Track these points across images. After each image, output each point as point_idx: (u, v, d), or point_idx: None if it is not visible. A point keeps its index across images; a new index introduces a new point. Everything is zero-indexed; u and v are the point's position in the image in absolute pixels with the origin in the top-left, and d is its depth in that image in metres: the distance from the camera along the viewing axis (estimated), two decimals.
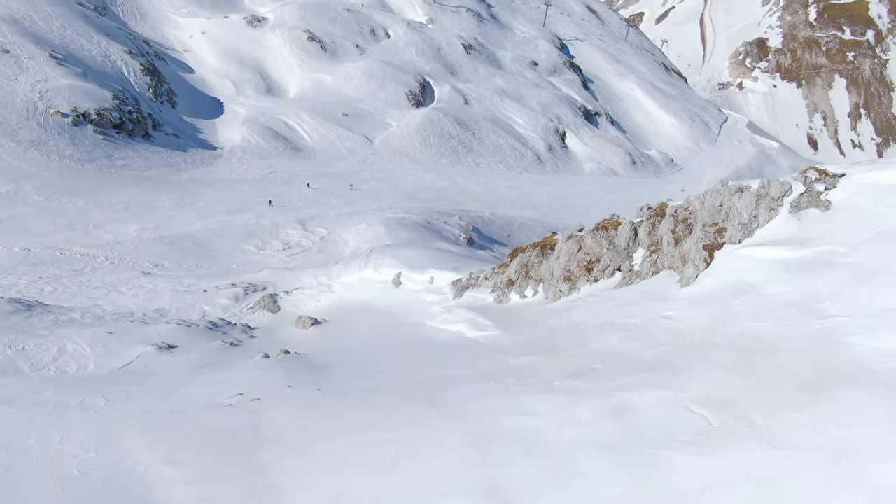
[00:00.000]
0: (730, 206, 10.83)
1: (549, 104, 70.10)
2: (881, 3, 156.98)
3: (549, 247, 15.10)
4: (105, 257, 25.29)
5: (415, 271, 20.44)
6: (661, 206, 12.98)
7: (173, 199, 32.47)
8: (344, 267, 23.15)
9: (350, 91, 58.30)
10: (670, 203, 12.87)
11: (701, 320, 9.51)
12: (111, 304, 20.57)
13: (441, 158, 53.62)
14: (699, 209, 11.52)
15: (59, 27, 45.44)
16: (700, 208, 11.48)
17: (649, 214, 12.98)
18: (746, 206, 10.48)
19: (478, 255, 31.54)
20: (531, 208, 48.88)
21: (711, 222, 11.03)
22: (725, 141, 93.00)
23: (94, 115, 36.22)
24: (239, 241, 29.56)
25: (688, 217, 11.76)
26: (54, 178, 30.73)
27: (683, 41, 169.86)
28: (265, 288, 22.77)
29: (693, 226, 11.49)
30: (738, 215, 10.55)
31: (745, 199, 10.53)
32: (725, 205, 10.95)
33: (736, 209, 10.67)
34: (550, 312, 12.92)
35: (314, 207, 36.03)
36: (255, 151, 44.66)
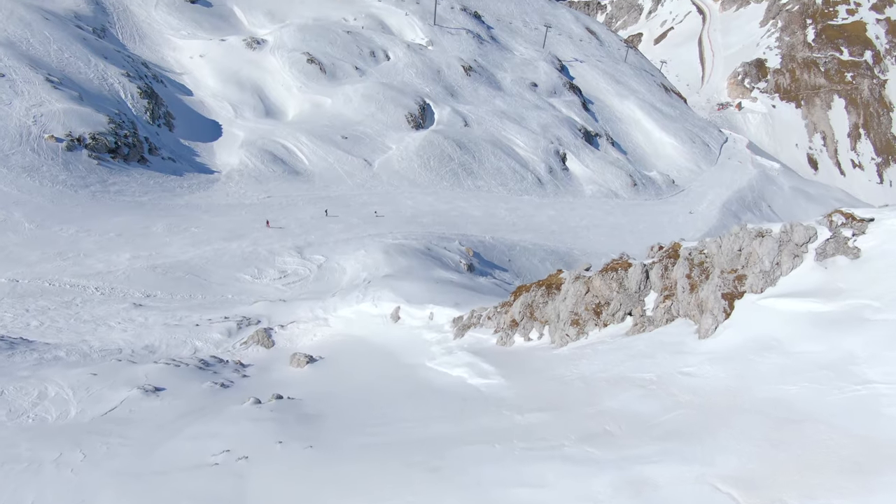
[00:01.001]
0: (750, 252, 10.14)
1: (550, 126, 69.79)
2: (878, 24, 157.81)
3: (554, 286, 14.40)
4: (95, 288, 24.57)
5: (414, 306, 19.72)
6: (674, 246, 12.31)
7: (168, 226, 31.81)
8: (341, 300, 22.44)
9: (349, 113, 57.93)
10: (683, 244, 12.19)
11: (724, 379, 8.78)
12: (99, 339, 19.81)
13: (441, 181, 53.08)
14: (716, 253, 10.83)
15: (56, 50, 45.10)
16: (717, 252, 10.80)
17: (661, 256, 12.29)
18: (768, 253, 9.80)
19: (479, 283, 30.86)
20: (532, 231, 48.26)
21: (730, 268, 10.34)
22: (726, 162, 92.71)
23: (89, 139, 35.66)
24: (234, 270, 28.85)
25: (704, 261, 11.08)
26: (46, 205, 30.09)
27: (682, 62, 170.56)
28: (259, 321, 22.04)
29: (710, 271, 10.79)
30: (760, 262, 9.87)
31: (767, 244, 9.85)
32: (745, 250, 10.26)
33: (757, 255, 9.98)
34: (558, 360, 12.19)
35: (312, 233, 35.38)
36: (253, 175, 44.10)
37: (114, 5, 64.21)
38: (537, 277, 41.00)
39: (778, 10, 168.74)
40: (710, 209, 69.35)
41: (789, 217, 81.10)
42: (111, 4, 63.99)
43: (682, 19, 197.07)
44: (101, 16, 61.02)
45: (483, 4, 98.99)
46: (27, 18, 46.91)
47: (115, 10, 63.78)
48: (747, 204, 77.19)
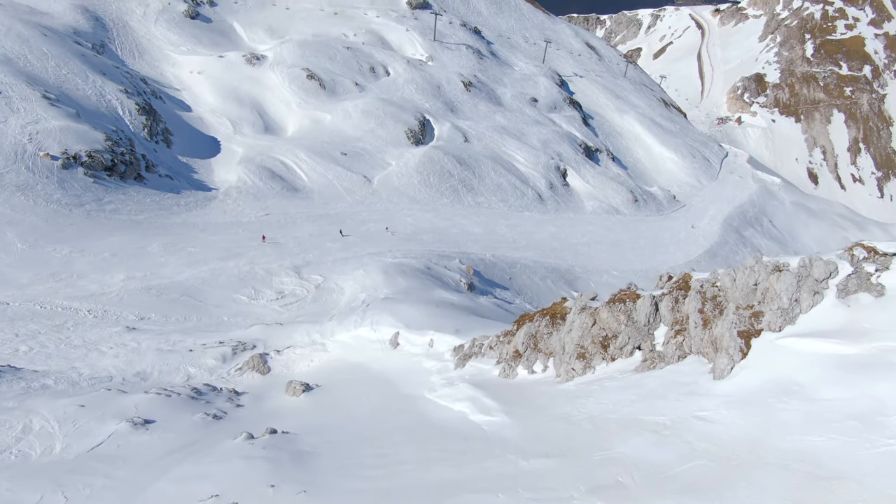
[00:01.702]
0: (767, 287, 9.64)
1: (550, 141, 69.52)
2: (877, 38, 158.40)
3: (559, 316, 13.88)
4: (88, 310, 24.02)
5: (413, 332, 19.18)
6: (685, 277, 11.81)
7: (164, 245, 31.30)
8: (339, 324, 21.90)
9: (349, 129, 57.63)
10: (694, 275, 11.69)
11: (743, 427, 8.25)
12: (89, 366, 19.25)
13: (441, 198, 52.66)
14: (730, 287, 10.33)
15: (53, 66, 44.84)
16: (731, 286, 10.29)
17: (671, 287, 11.79)
18: (786, 289, 9.30)
19: (480, 304, 30.33)
20: (533, 249, 47.77)
21: (746, 304, 9.83)
22: (727, 177, 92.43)
23: (84, 157, 35.23)
24: (230, 291, 28.32)
25: (717, 295, 10.57)
26: (40, 225, 29.60)
27: (681, 76, 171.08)
28: (255, 346, 21.49)
29: (724, 306, 10.29)
30: (777, 298, 9.36)
31: (785, 280, 9.34)
32: (761, 285, 9.76)
33: (774, 291, 9.47)
34: (564, 396, 11.65)
35: (310, 252, 34.88)
36: (251, 192, 43.68)
37: (113, 21, 64.17)
38: (538, 296, 40.51)
39: (777, 26, 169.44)
40: (711, 225, 68.90)
41: (791, 232, 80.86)
42: (111, 20, 63.95)
43: (681, 34, 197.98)
44: (101, 31, 60.93)
45: (483, 20, 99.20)
46: (25, 35, 46.70)
47: (115, 25, 63.72)
48: (749, 219, 76.80)
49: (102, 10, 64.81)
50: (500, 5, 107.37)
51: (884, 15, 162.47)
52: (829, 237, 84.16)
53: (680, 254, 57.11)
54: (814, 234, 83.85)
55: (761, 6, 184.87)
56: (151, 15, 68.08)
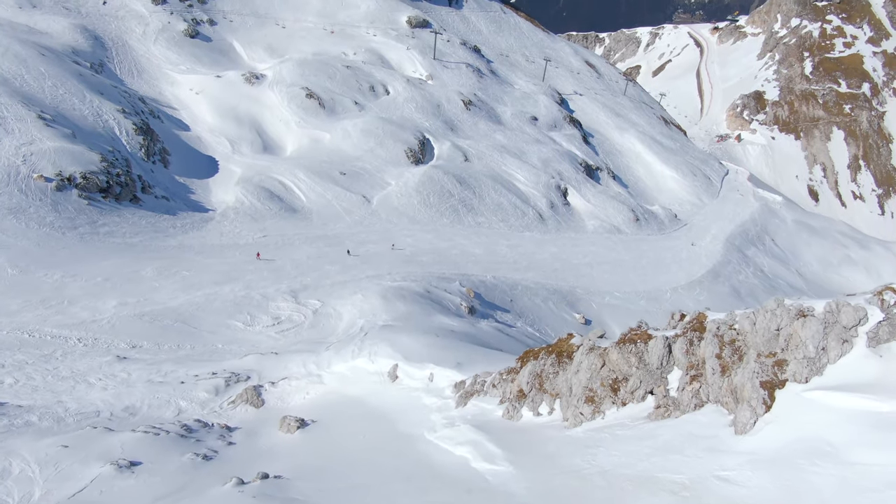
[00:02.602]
0: (790, 334, 9.01)
1: (551, 160, 69.16)
2: (875, 56, 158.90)
3: (565, 354, 13.23)
4: (78, 339, 23.35)
5: (413, 365, 18.49)
6: (699, 317, 11.18)
7: (158, 269, 30.68)
8: (336, 354, 21.22)
9: (348, 148, 57.24)
10: (709, 315, 11.06)
11: (770, 491, 7.58)
12: (76, 400, 18.54)
13: (441, 218, 52.12)
14: (749, 331, 9.70)
15: (50, 86, 44.48)
16: (751, 331, 9.66)
17: (685, 328, 11.16)
18: (812, 336, 8.67)
19: (481, 329, 29.67)
20: (534, 270, 47.18)
21: (768, 351, 9.20)
22: (728, 195, 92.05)
23: (79, 178, 34.68)
24: (225, 316, 27.66)
25: (735, 339, 9.94)
26: (32, 249, 28.99)
27: (680, 94, 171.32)
28: (249, 377, 20.80)
29: (743, 352, 9.65)
30: (803, 347, 8.73)
31: (811, 327, 8.72)
32: (784, 331, 9.13)
33: (798, 338, 8.84)
34: (572, 444, 10.98)
35: (308, 275, 34.25)
36: (249, 213, 43.12)
37: (113, 40, 64.05)
38: (540, 318, 39.84)
39: (775, 44, 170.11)
40: (713, 244, 68.36)
41: (793, 251, 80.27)
42: (110, 39, 63.84)
43: (680, 52, 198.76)
44: (100, 51, 60.76)
45: (483, 38, 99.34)
46: (23, 55, 46.41)
47: (114, 44, 63.59)
48: (751, 238, 76.27)
49: (102, 29, 64.73)
50: (499, 24, 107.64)
51: (882, 33, 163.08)
52: (830, 255, 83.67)
53: (682, 274, 56.51)
54: (816, 252, 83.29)
55: (759, 24, 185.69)
56: (151, 34, 67.99)
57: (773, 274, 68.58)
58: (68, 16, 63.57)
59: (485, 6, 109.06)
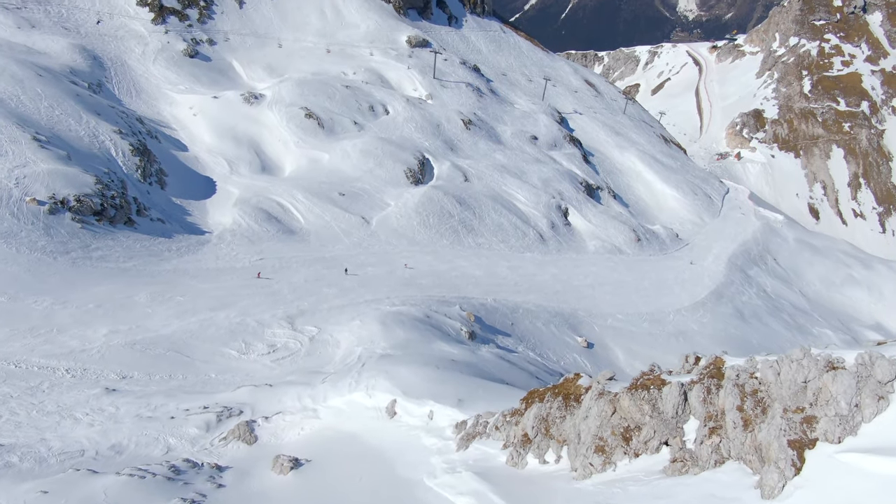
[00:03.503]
0: (819, 388, 8.33)
1: (551, 180, 68.75)
2: (873, 75, 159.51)
3: (572, 397, 12.53)
4: (66, 370, 22.60)
5: (412, 400, 17.75)
6: (716, 362, 10.50)
7: (152, 295, 29.99)
8: (332, 387, 20.47)
9: (347, 169, 56.80)
10: (727, 360, 10.38)
11: None
12: (60, 437, 17.77)
13: (441, 239, 51.53)
14: (773, 382, 9.02)
15: (46, 107, 44.06)
16: (774, 381, 8.98)
17: (701, 373, 10.47)
18: (844, 392, 7.99)
19: (482, 356, 28.94)
20: (535, 292, 46.51)
21: (795, 406, 8.51)
22: (729, 213, 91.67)
23: (73, 201, 34.07)
24: (220, 344, 26.93)
25: (758, 390, 9.25)
26: (22, 275, 28.32)
27: (679, 112, 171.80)
28: (242, 412, 20.03)
29: (767, 405, 8.96)
30: (835, 403, 8.05)
31: (843, 381, 8.04)
32: (812, 384, 8.46)
33: (829, 393, 8.17)
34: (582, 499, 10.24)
35: (305, 299, 33.56)
36: (246, 235, 42.50)
37: (112, 60, 63.82)
38: (541, 342, 39.09)
39: (774, 62, 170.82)
40: (716, 264, 67.78)
41: (795, 270, 79.66)
42: (109, 59, 63.61)
43: (679, 70, 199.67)
44: (98, 70, 60.50)
45: (482, 58, 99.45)
46: (20, 75, 46.04)
47: (113, 64, 63.36)
48: (753, 257, 75.74)
49: (101, 49, 64.54)
50: (499, 43, 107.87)
51: (879, 52, 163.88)
52: (833, 274, 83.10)
53: (685, 295, 55.87)
54: (818, 271, 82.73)
55: (758, 43, 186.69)
56: (150, 54, 67.83)
57: (776, 294, 67.92)
58: (67, 35, 63.40)
59: (484, 25, 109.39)
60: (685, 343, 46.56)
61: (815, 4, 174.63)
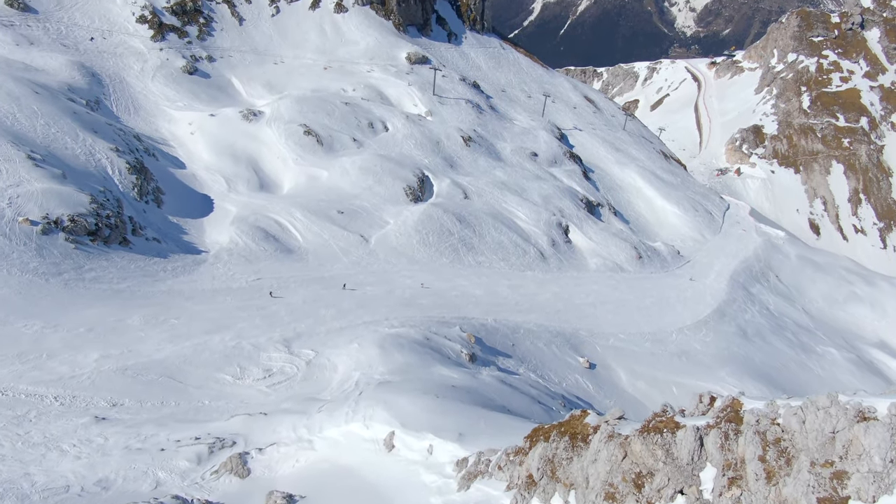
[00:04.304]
0: (849, 440, 7.73)
1: (551, 196, 68.32)
2: (872, 91, 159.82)
3: (579, 436, 11.90)
4: (55, 397, 21.92)
5: (410, 433, 17.08)
6: (734, 404, 9.88)
7: (145, 317, 29.37)
8: (328, 416, 19.80)
9: (346, 186, 56.35)
10: (745, 403, 9.77)
11: None
12: (45, 471, 17.08)
13: (440, 258, 50.96)
14: (798, 431, 8.41)
15: (42, 125, 43.65)
16: (799, 431, 8.38)
17: (718, 417, 9.85)
18: (878, 446, 7.39)
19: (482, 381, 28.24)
20: (536, 311, 45.86)
21: (823, 459, 7.90)
22: (730, 230, 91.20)
23: (67, 221, 33.52)
24: (214, 369, 26.26)
25: (781, 438, 8.64)
26: (12, 297, 27.70)
27: (679, 128, 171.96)
28: (235, 442, 19.36)
29: (792, 456, 8.35)
30: (867, 458, 7.44)
31: (876, 434, 7.44)
32: (841, 435, 7.85)
33: (860, 446, 7.56)
34: None
35: (302, 321, 32.92)
36: (243, 255, 41.92)
37: (110, 77, 63.60)
38: (543, 363, 38.37)
39: (772, 78, 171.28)
40: (718, 281, 67.19)
41: (797, 287, 79.03)
42: (107, 76, 63.39)
43: (678, 86, 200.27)
44: (97, 87, 60.22)
45: (482, 74, 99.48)
46: (16, 93, 45.71)
47: (112, 81, 63.11)
48: (755, 274, 75.17)
49: (99, 66, 64.34)
50: (498, 60, 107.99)
51: (878, 68, 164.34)
52: (836, 292, 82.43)
53: (688, 314, 55.23)
54: (821, 288, 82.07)
55: (756, 59, 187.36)
56: (149, 71, 67.65)
57: (778, 312, 67.27)
58: (66, 52, 63.20)
59: (484, 42, 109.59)
60: (688, 363, 45.91)
61: (813, 21, 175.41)
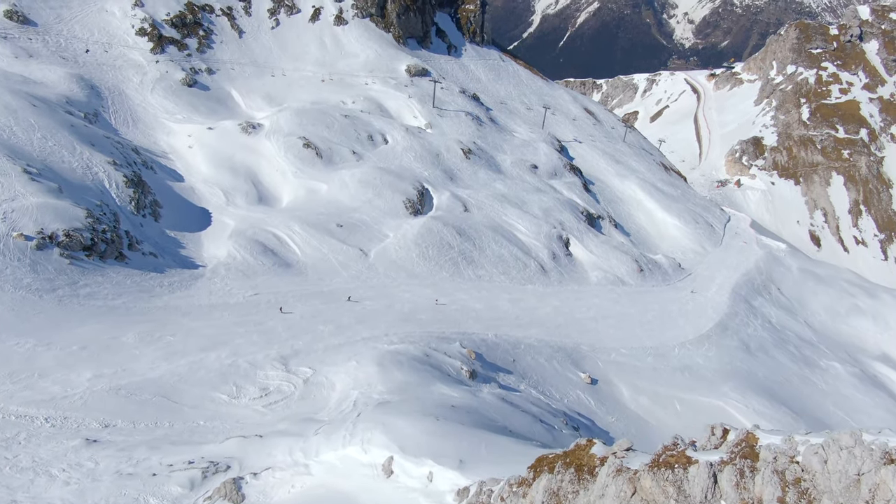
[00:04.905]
0: (876, 484, 7.27)
1: (552, 209, 67.97)
2: (871, 102, 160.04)
3: (585, 468, 11.42)
4: (45, 418, 21.43)
5: (409, 458, 16.58)
6: (749, 439, 9.42)
7: (140, 335, 28.88)
8: (325, 439, 19.29)
9: (345, 199, 55.99)
10: (761, 438, 9.30)
11: None
12: (33, 498, 16.58)
13: (440, 271, 50.52)
14: (819, 472, 7.94)
15: (39, 138, 43.33)
16: (821, 472, 7.91)
17: (733, 453, 9.38)
18: None
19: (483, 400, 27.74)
20: (537, 326, 45.39)
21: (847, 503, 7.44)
22: (731, 242, 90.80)
23: (62, 236, 33.10)
24: (209, 388, 25.77)
25: (801, 479, 8.17)
26: (5, 314, 27.22)
27: (678, 139, 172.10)
28: (229, 467, 18.84)
29: (814, 499, 7.88)
30: None
31: None
32: (867, 478, 7.39)
33: (889, 491, 7.10)
34: None
35: (300, 338, 32.43)
36: (241, 269, 41.48)
37: (109, 89, 63.38)
38: (544, 379, 37.86)
39: (772, 90, 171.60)
40: (719, 294, 66.70)
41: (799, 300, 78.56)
42: (106, 88, 63.17)
43: (677, 98, 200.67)
44: (95, 100, 59.99)
45: (482, 87, 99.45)
46: (13, 105, 45.42)
47: (111, 94, 62.89)
48: (757, 287, 74.69)
49: (98, 78, 64.14)
50: (498, 72, 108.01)
51: (877, 80, 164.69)
52: (838, 304, 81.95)
53: (690, 328, 54.73)
54: (823, 301, 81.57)
55: (755, 71, 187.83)
56: (148, 83, 67.45)
57: (781, 325, 66.76)
58: (65, 65, 63.02)
59: (483, 54, 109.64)
60: (691, 378, 45.41)
61: (812, 33, 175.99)
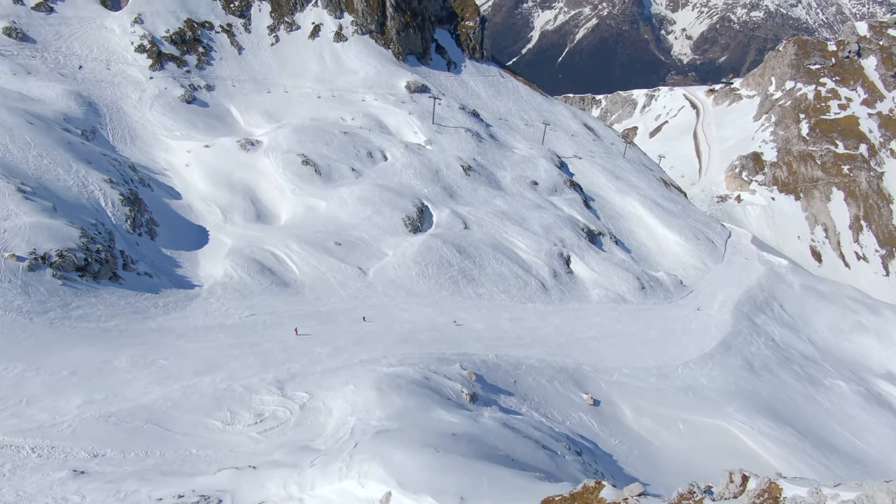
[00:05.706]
0: None
1: (552, 226, 67.46)
2: (871, 118, 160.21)
3: None
4: (32, 448, 20.72)
5: (408, 494, 15.88)
6: (772, 489, 8.78)
7: (133, 358, 28.21)
8: (321, 471, 18.57)
9: (344, 217, 55.49)
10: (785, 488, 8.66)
11: None
12: None
13: (440, 290, 49.89)
14: None
15: (35, 156, 42.90)
16: None
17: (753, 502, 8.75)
18: None
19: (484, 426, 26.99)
20: (538, 346, 44.71)
21: None
22: (732, 258, 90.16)
23: (55, 257, 32.52)
24: (203, 414, 25.06)
25: None
26: None
27: (678, 155, 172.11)
28: (220, 501, 18.09)
29: None
30: None
31: None
32: None
33: None
34: None
35: (297, 361, 31.75)
36: (238, 289, 40.87)
37: (107, 106, 63.18)
38: (546, 400, 37.13)
39: (771, 106, 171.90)
40: (722, 312, 66.00)
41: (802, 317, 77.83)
42: (105, 105, 62.97)
43: (676, 113, 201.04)
44: (93, 117, 59.75)
45: (481, 103, 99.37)
46: (9, 123, 45.07)
47: (109, 111, 62.67)
48: (759, 304, 73.99)
49: (97, 95, 63.96)
50: (497, 88, 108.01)
51: (875, 95, 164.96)
52: (841, 321, 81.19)
53: (693, 347, 53.99)
54: (826, 318, 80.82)
55: (754, 87, 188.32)
56: (147, 100, 67.28)
57: (784, 343, 66.00)
58: (63, 82, 62.85)
59: (483, 70, 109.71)
60: (694, 398, 44.63)
61: (810, 49, 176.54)
